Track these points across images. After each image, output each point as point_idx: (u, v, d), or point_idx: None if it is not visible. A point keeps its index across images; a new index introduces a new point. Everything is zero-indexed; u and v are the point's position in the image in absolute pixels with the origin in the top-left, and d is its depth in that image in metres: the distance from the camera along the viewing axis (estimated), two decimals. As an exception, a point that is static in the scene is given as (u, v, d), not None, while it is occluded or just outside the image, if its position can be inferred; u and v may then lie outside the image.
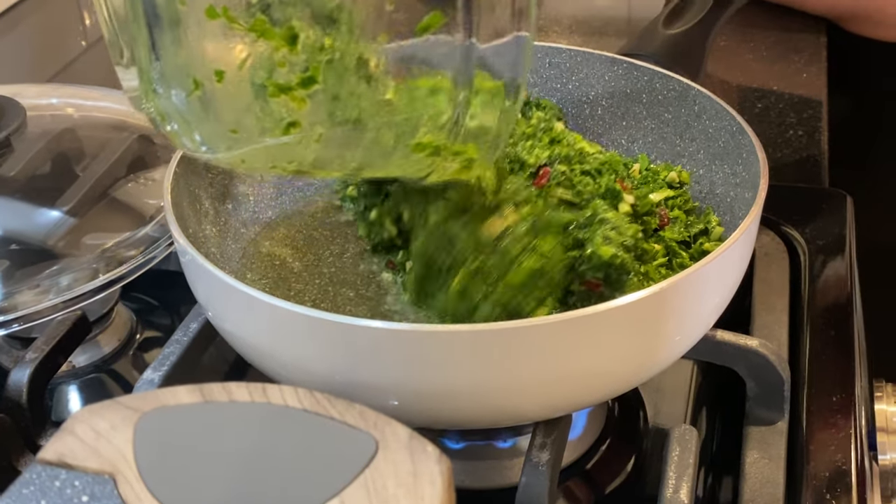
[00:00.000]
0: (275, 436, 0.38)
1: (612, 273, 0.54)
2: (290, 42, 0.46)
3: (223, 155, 0.50)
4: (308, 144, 0.49)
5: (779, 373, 0.60)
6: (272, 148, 0.49)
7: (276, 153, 0.50)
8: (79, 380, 0.70)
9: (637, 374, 0.53)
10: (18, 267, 0.67)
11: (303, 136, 0.48)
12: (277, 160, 0.51)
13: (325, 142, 0.49)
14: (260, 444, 0.38)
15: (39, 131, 0.77)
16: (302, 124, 0.48)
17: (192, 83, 0.47)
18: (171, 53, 0.47)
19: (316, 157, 0.50)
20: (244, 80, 0.47)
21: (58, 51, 1.15)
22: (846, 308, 0.69)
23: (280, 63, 0.46)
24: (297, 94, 0.47)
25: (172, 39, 0.47)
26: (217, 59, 0.47)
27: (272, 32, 0.46)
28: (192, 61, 0.47)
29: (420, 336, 0.46)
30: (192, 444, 0.38)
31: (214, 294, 0.53)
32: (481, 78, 0.49)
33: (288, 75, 0.46)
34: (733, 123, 0.62)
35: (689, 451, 0.52)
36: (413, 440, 0.38)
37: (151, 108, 0.49)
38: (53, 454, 0.38)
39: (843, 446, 0.59)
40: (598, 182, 0.59)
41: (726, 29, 0.88)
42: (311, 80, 0.47)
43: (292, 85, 0.47)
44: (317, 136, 0.48)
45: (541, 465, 0.51)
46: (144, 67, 0.48)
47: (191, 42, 0.47)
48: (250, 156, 0.50)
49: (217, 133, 0.49)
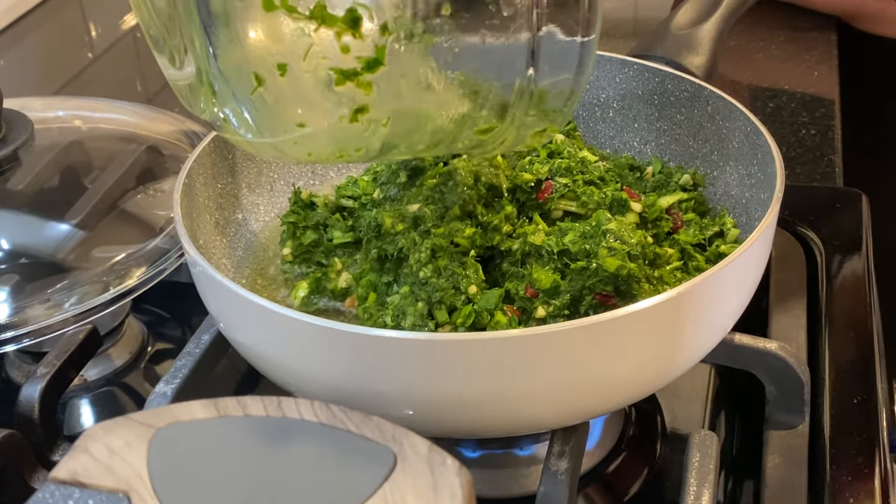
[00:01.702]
0: (291, 450, 0.38)
1: (620, 284, 0.53)
2: (353, 25, 0.45)
3: (289, 149, 0.49)
4: (376, 130, 0.48)
5: (798, 376, 0.59)
6: (339, 137, 0.48)
7: (344, 141, 0.49)
8: (91, 393, 0.70)
9: (654, 380, 0.52)
10: (28, 281, 0.66)
11: (371, 122, 0.47)
12: (345, 148, 0.50)
13: (392, 126, 0.48)
14: (276, 458, 0.38)
15: (47, 144, 0.76)
16: (370, 109, 0.47)
17: (255, 79, 0.46)
18: (229, 51, 0.46)
19: (384, 143, 0.49)
20: (308, 70, 0.46)
21: (65, 63, 1.15)
22: (864, 308, 0.68)
23: (344, 49, 0.45)
24: (363, 79, 0.46)
25: (229, 37, 0.45)
26: (278, 52, 0.46)
27: (333, 18, 0.45)
28: (253, 57, 0.46)
29: (433, 345, 0.46)
30: (208, 460, 0.37)
31: (226, 305, 0.52)
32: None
33: (353, 61, 0.45)
34: (747, 123, 0.61)
35: (710, 458, 0.52)
36: (432, 453, 0.38)
37: (211, 107, 0.48)
38: (67, 473, 0.37)
39: (866, 449, 0.58)
40: (603, 191, 0.59)
41: (736, 29, 0.87)
42: (376, 63, 0.45)
43: (358, 70, 0.46)
44: (384, 120, 0.47)
45: (559, 474, 0.51)
46: (202, 67, 0.47)
47: (250, 37, 0.46)
48: (317, 146, 0.49)
49: (283, 127, 0.48)
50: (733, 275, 0.50)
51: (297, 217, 0.63)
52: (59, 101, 0.88)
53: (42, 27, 1.21)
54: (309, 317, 0.47)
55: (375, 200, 0.61)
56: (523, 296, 0.54)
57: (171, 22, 0.47)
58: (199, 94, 0.48)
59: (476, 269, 0.55)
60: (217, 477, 0.37)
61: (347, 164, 0.71)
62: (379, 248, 0.56)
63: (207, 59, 0.46)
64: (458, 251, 0.55)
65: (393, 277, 0.56)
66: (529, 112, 0.49)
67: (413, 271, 0.54)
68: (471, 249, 0.56)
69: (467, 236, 0.56)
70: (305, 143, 0.48)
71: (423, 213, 0.56)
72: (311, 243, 0.62)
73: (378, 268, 0.57)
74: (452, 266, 0.54)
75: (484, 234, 0.57)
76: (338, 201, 0.64)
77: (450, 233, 0.55)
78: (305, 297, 0.59)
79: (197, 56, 0.46)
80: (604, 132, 0.71)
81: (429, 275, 0.53)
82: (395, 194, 0.60)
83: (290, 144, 0.48)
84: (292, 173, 0.69)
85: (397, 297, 0.54)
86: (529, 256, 0.56)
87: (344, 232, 0.61)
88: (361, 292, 0.57)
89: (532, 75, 0.47)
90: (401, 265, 0.56)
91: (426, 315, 0.53)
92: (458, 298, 0.53)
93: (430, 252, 0.54)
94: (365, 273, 0.57)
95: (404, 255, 0.55)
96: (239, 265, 0.63)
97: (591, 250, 0.53)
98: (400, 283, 0.55)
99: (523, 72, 0.47)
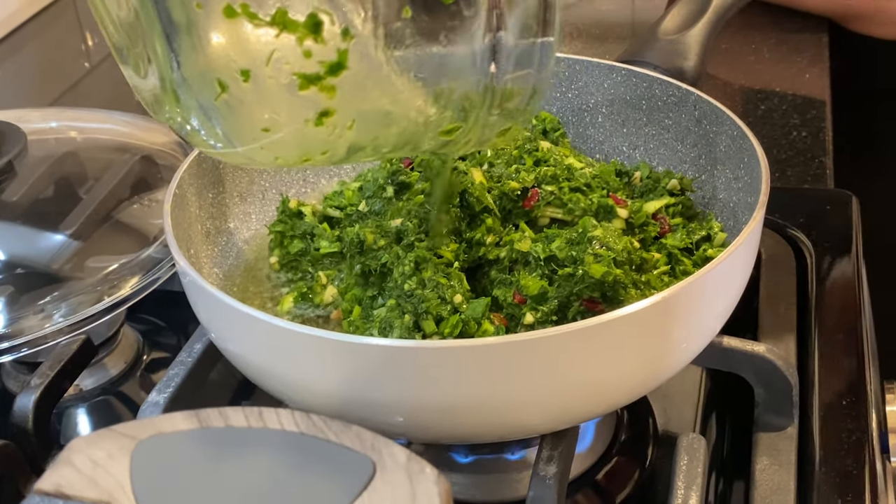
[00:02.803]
0: (272, 460, 0.38)
1: (607, 290, 0.53)
2: (314, 31, 0.45)
3: (256, 155, 0.49)
4: (341, 133, 0.48)
5: (787, 378, 0.59)
6: (305, 141, 0.48)
7: (310, 145, 0.49)
8: (87, 403, 0.70)
9: (642, 384, 0.53)
10: (23, 292, 0.67)
11: (336, 126, 0.47)
12: (311, 152, 0.50)
13: (357, 129, 0.48)
14: (257, 468, 0.38)
15: (42, 155, 0.77)
16: (334, 113, 0.47)
17: (218, 85, 0.46)
18: (191, 59, 0.46)
19: (350, 145, 0.49)
20: (272, 75, 0.46)
21: (61, 73, 1.15)
22: (854, 310, 0.68)
23: (306, 53, 0.45)
24: (326, 83, 0.46)
25: (192, 44, 0.46)
26: (241, 58, 0.46)
27: (294, 23, 0.45)
28: (215, 64, 0.46)
29: (420, 352, 0.46)
30: (190, 471, 0.38)
31: (215, 315, 0.52)
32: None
33: (315, 65, 0.46)
34: (734, 127, 0.61)
35: (698, 461, 0.52)
36: (411, 461, 0.38)
37: (175, 115, 0.49)
38: (51, 485, 0.37)
39: (855, 451, 0.58)
40: (589, 197, 0.59)
41: (728, 31, 0.87)
42: (339, 67, 0.46)
43: (321, 74, 0.46)
44: (349, 123, 0.48)
45: (548, 479, 0.51)
46: (165, 75, 0.47)
47: (212, 44, 0.46)
48: (283, 151, 0.49)
49: (248, 133, 0.48)
50: (719, 278, 0.51)
51: (284, 226, 0.63)
52: (53, 112, 0.89)
53: (38, 38, 1.22)
54: (297, 325, 0.47)
55: (361, 213, 0.62)
56: (511, 302, 0.55)
57: (133, 31, 0.48)
58: (163, 102, 0.49)
59: (460, 280, 0.55)
60: (198, 487, 0.37)
61: (339, 171, 0.71)
62: (362, 264, 0.57)
63: (170, 67, 0.46)
64: (442, 262, 0.56)
65: (377, 291, 0.56)
66: (493, 111, 0.49)
67: (398, 284, 0.54)
68: (454, 262, 0.56)
69: (452, 250, 0.56)
70: (271, 149, 0.49)
71: (406, 227, 0.57)
72: (297, 252, 0.63)
73: (362, 282, 0.57)
74: (437, 277, 0.54)
75: (469, 249, 0.57)
76: (325, 210, 0.64)
77: (433, 245, 0.56)
78: (291, 309, 0.60)
79: (160, 64, 0.47)
80: (593, 137, 0.71)
81: (414, 286, 0.54)
82: (379, 208, 0.61)
83: (257, 150, 0.49)
84: (284, 182, 0.69)
85: (384, 310, 0.54)
86: (517, 264, 0.56)
87: (331, 242, 0.62)
88: (346, 306, 0.57)
89: (493, 73, 0.48)
90: (385, 279, 0.56)
91: (413, 328, 0.53)
92: (445, 308, 0.53)
93: (414, 264, 0.55)
94: (350, 288, 0.58)
95: (388, 269, 0.56)
96: (230, 274, 0.64)
97: (577, 257, 0.54)
98: (385, 296, 0.56)
99: (485, 71, 0.48)
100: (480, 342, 0.46)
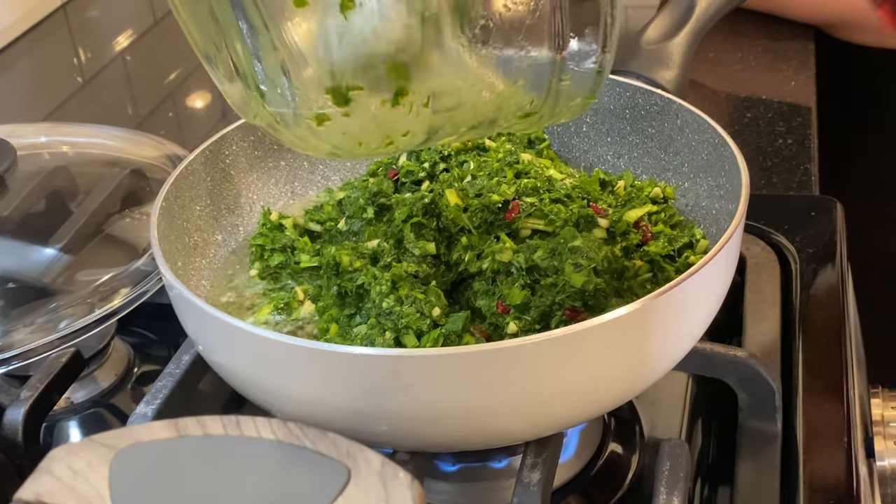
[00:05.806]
0: (249, 468, 0.39)
1: (588, 299, 0.54)
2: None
3: (339, 141, 0.51)
4: (419, 111, 0.49)
5: (769, 383, 0.60)
6: (384, 123, 0.49)
7: (389, 127, 0.50)
8: (78, 415, 0.70)
9: (624, 391, 0.53)
10: (13, 305, 0.67)
11: (412, 105, 0.49)
12: (392, 133, 0.51)
13: (433, 106, 0.49)
14: (235, 476, 0.38)
15: (33, 169, 0.78)
16: (409, 91, 0.48)
17: None
18: (271, 53, 0.48)
19: (429, 125, 0.51)
20: None
21: (54, 88, 1.16)
22: (838, 315, 0.69)
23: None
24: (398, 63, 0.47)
25: (269, 40, 0.47)
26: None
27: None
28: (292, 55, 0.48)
29: (401, 361, 0.47)
30: (168, 479, 0.38)
31: (201, 326, 0.53)
32: None
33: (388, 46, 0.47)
34: (715, 136, 0.62)
35: (680, 466, 0.52)
36: (385, 467, 0.39)
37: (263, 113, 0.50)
38: (31, 494, 0.38)
39: (838, 455, 0.58)
40: (570, 208, 0.60)
41: (714, 39, 0.88)
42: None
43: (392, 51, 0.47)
44: (426, 100, 0.49)
45: (532, 486, 0.51)
46: (248, 73, 0.49)
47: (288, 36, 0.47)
48: (365, 135, 0.51)
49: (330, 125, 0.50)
50: (699, 285, 0.51)
51: (265, 240, 0.64)
52: (44, 126, 0.90)
53: (31, 53, 1.23)
54: (281, 335, 0.48)
55: (340, 231, 0.62)
56: (495, 312, 0.55)
57: (217, 37, 0.49)
58: (249, 101, 0.50)
59: (438, 295, 0.56)
60: (176, 495, 0.38)
61: (326, 183, 0.72)
62: (338, 286, 0.58)
63: (251, 64, 0.48)
64: (419, 280, 0.56)
65: (354, 310, 0.57)
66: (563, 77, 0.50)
67: (376, 304, 0.55)
68: (432, 279, 0.57)
69: (430, 274, 0.57)
70: (353, 135, 0.50)
71: (382, 248, 0.57)
72: (277, 265, 0.63)
73: (339, 303, 0.58)
74: (414, 293, 0.55)
75: (448, 271, 0.58)
76: (306, 224, 0.65)
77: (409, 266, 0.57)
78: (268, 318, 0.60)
79: (242, 63, 0.48)
80: (578, 146, 0.72)
81: (392, 304, 0.54)
82: (358, 229, 0.61)
83: (340, 137, 0.50)
84: (272, 194, 0.70)
85: (364, 328, 0.55)
86: (499, 274, 0.57)
87: (311, 256, 0.62)
88: (322, 325, 0.58)
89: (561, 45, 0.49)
90: (362, 300, 0.57)
91: (394, 344, 0.54)
92: (424, 322, 0.54)
93: (391, 283, 0.55)
94: (327, 308, 0.58)
95: (364, 290, 0.56)
96: (218, 286, 0.64)
97: (558, 266, 0.54)
98: (363, 315, 0.56)
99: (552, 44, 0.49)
100: (463, 350, 0.47)
